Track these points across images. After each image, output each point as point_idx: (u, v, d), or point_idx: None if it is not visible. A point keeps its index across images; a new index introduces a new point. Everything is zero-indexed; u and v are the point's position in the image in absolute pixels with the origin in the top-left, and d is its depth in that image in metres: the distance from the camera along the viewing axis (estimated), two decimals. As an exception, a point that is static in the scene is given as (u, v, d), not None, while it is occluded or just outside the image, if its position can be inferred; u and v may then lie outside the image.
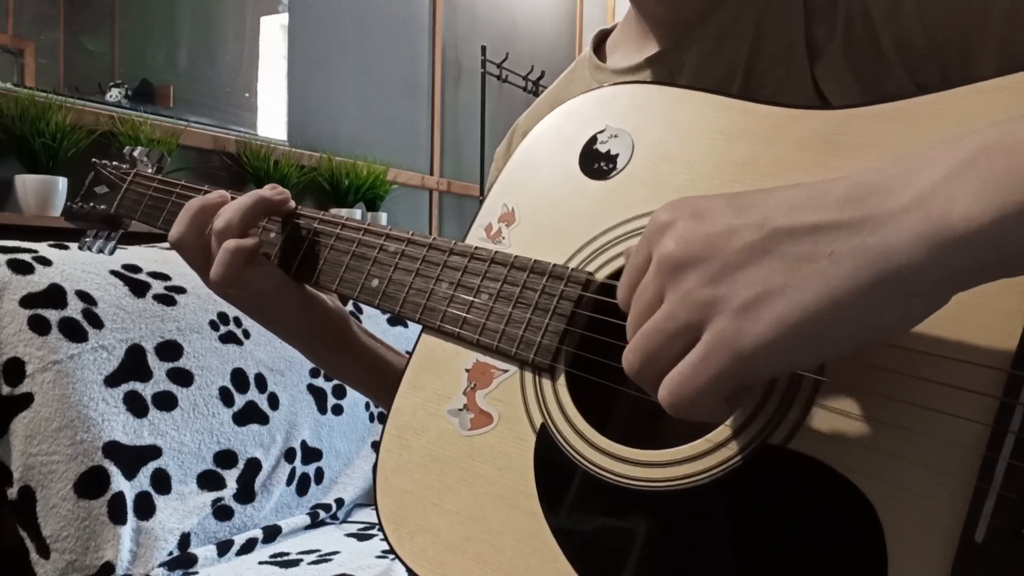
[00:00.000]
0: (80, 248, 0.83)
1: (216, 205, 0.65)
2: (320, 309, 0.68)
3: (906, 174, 0.33)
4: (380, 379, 0.73)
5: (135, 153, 0.81)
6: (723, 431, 0.43)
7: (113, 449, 1.12)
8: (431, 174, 3.31)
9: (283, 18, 2.62)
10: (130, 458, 1.14)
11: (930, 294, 0.32)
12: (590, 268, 0.52)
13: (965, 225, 0.30)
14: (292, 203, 0.66)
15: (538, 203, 0.58)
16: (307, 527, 1.37)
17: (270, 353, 1.43)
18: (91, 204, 0.82)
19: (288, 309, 0.66)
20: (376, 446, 1.58)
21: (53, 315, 1.16)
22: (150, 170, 0.79)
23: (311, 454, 1.43)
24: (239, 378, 1.35)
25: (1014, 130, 0.31)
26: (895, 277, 0.32)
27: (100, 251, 0.82)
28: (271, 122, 2.58)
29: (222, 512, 1.24)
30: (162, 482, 1.17)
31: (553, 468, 0.49)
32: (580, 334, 0.51)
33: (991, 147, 0.31)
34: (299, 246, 0.65)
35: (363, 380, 0.75)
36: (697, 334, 0.35)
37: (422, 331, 0.59)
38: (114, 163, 0.82)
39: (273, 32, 2.62)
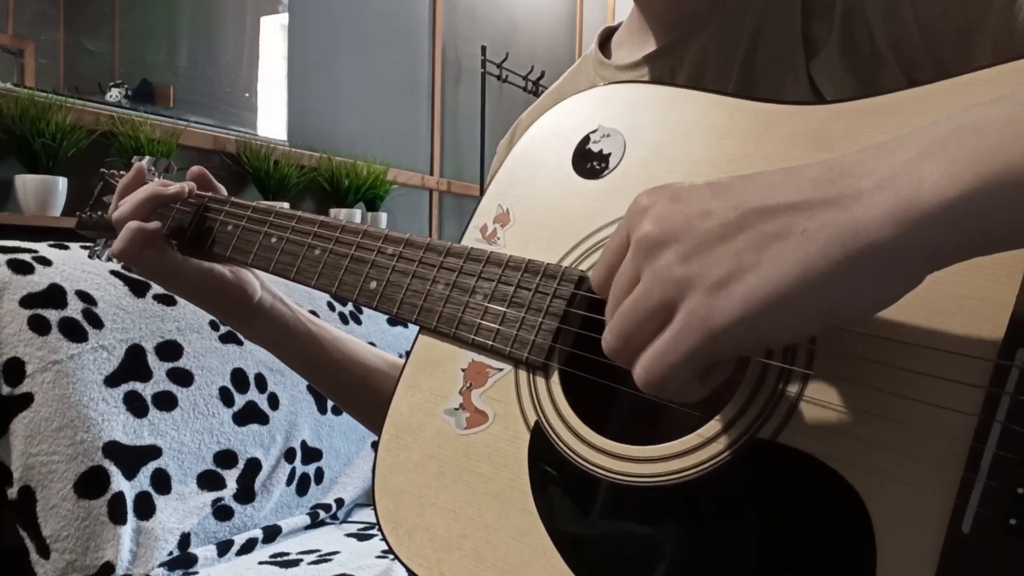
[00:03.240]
0: (90, 257, 0.84)
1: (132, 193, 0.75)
2: (219, 284, 0.74)
3: (879, 156, 0.34)
4: (295, 345, 0.78)
5: (143, 163, 0.82)
6: (713, 426, 0.43)
7: (113, 449, 1.13)
8: (431, 174, 3.31)
9: (283, 18, 2.63)
10: (130, 458, 1.14)
11: (901, 272, 0.33)
12: (583, 267, 0.53)
13: (934, 201, 0.31)
14: (186, 187, 0.75)
15: (532, 203, 0.58)
16: (307, 527, 1.37)
17: (270, 353, 1.43)
18: (99, 213, 0.83)
19: (187, 285, 0.74)
20: (376, 446, 1.58)
21: (53, 315, 1.16)
22: (157, 178, 0.80)
23: (311, 454, 1.43)
24: (239, 378, 1.36)
25: (985, 111, 0.32)
26: (866, 253, 0.32)
27: (110, 259, 0.83)
28: (271, 122, 2.59)
29: (222, 512, 1.24)
30: (162, 482, 1.18)
31: (547, 465, 0.49)
32: (574, 332, 0.51)
33: (962, 128, 0.32)
34: (198, 225, 0.75)
35: (279, 348, 0.80)
36: (672, 311, 0.36)
37: (419, 332, 0.59)
38: (121, 172, 0.83)
39: (273, 32, 2.62)
